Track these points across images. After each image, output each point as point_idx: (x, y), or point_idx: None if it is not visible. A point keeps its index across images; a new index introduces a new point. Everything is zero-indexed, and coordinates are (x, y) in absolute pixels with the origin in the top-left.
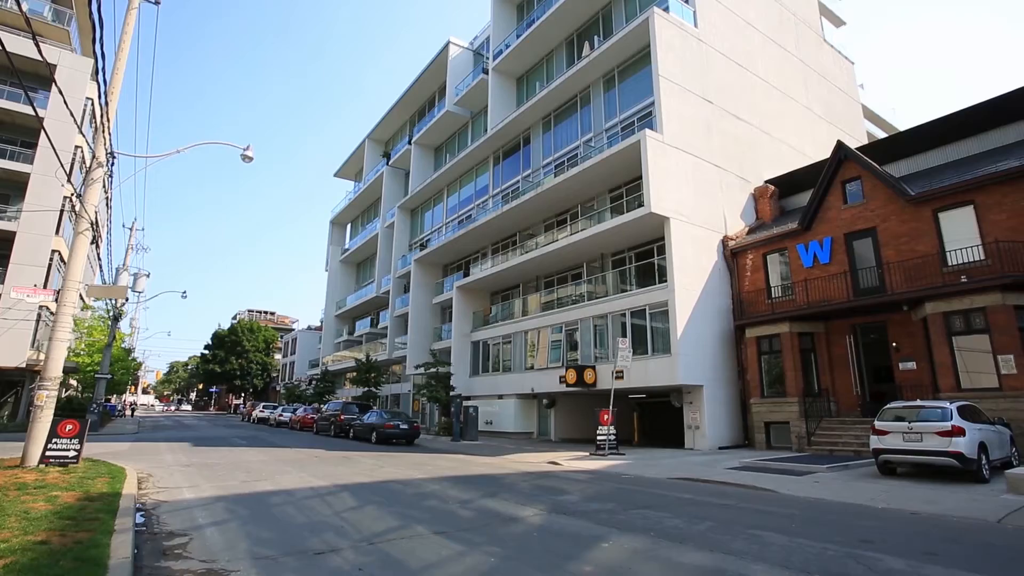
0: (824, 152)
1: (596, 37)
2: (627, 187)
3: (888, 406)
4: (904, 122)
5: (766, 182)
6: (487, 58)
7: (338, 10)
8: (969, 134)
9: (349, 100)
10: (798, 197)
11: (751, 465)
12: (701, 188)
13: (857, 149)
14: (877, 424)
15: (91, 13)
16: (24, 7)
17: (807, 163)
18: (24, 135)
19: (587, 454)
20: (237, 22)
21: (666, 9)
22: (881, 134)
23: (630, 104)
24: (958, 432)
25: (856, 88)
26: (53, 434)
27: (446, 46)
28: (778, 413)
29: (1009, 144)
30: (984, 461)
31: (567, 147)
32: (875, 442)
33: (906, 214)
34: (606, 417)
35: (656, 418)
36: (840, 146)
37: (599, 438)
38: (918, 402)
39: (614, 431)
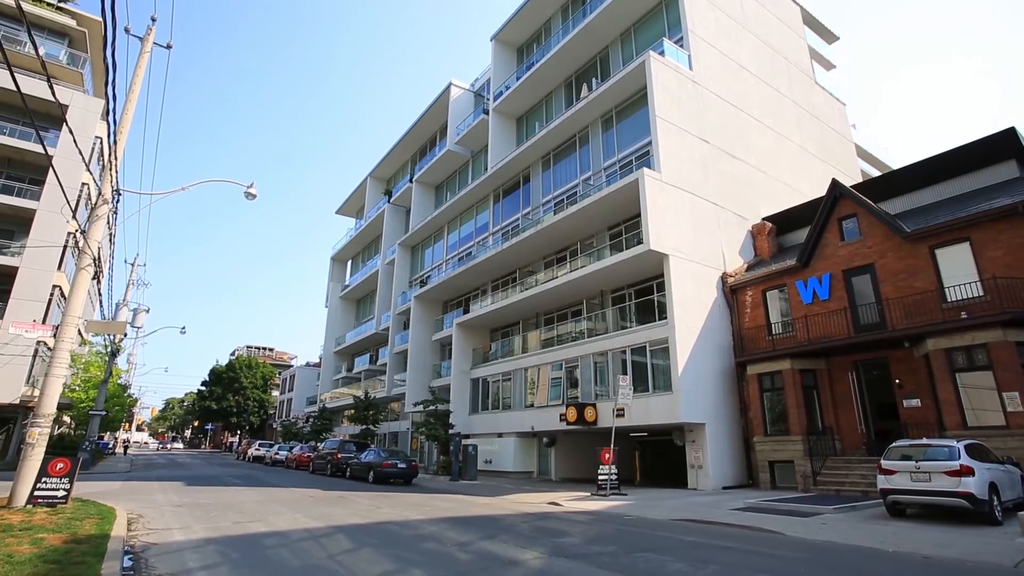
0: (820, 190)
1: (594, 79)
2: (626, 224)
3: (894, 444)
4: (897, 160)
5: (763, 219)
6: (488, 99)
7: (341, 36)
8: (962, 172)
9: (350, 136)
10: (795, 234)
11: (756, 506)
12: (699, 225)
13: (852, 187)
14: (884, 463)
15: (105, 57)
16: (41, 51)
17: (803, 200)
18: (32, 172)
19: (588, 494)
20: (241, 53)
21: (661, 53)
22: (875, 172)
23: (628, 143)
24: (967, 472)
25: (849, 128)
26: (43, 473)
27: (448, 88)
28: (782, 452)
29: (1002, 182)
30: (996, 502)
31: (566, 185)
32: (882, 482)
33: (903, 251)
34: (607, 456)
35: (658, 457)
36: (835, 184)
37: (600, 478)
38: (924, 440)
39: (615, 470)
